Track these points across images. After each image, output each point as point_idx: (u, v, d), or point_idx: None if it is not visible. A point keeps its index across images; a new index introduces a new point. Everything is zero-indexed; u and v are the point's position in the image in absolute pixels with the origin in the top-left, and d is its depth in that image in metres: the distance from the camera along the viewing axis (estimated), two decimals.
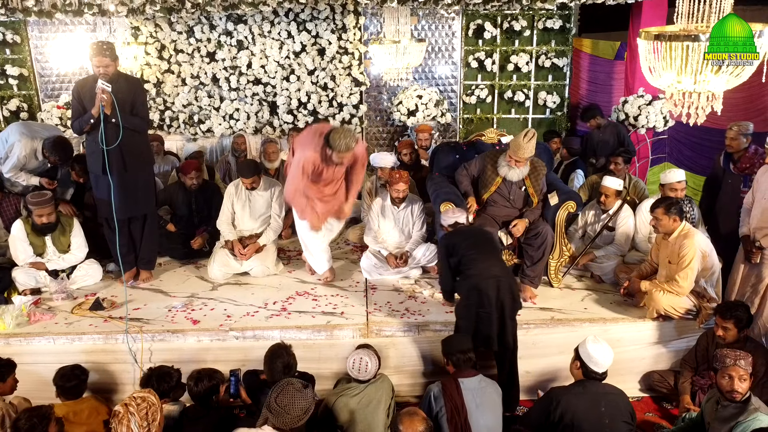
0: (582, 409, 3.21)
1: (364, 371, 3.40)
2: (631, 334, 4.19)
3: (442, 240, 4.10)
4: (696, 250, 3.97)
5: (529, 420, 3.44)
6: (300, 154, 4.32)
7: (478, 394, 3.31)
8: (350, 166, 4.51)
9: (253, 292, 4.70)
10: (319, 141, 4.24)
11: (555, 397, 3.30)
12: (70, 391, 3.48)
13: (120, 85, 4.24)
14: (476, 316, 3.69)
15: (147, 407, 2.82)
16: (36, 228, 4.63)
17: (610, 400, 3.25)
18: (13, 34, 6.88)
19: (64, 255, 4.73)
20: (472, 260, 3.78)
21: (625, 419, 3.25)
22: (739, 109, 6.72)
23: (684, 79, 3.03)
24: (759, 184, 4.42)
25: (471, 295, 3.71)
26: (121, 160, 4.36)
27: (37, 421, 2.96)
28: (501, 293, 3.68)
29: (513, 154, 4.43)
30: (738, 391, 3.08)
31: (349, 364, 3.45)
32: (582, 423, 3.18)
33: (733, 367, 3.10)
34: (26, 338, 4.07)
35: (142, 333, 4.07)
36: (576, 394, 3.27)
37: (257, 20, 6.88)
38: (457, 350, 3.42)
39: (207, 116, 7.17)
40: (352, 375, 3.44)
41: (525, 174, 4.54)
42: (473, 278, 3.72)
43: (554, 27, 7.16)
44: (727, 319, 3.60)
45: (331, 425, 3.41)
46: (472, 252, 3.82)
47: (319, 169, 4.32)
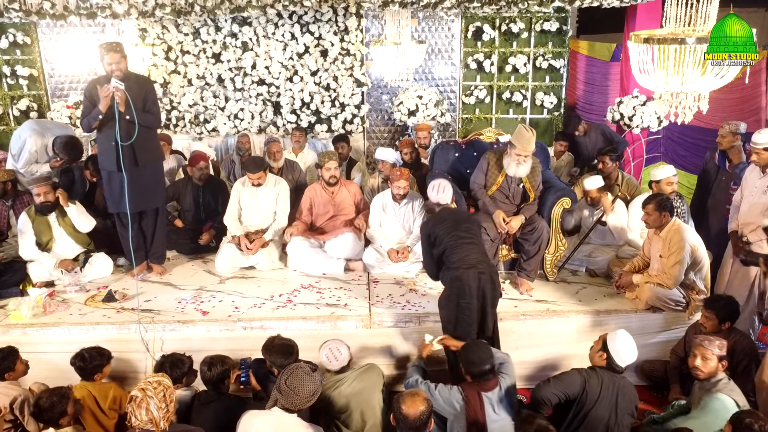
0: (601, 396, 3.29)
1: (340, 356, 3.59)
2: (623, 325, 4.32)
3: (424, 228, 4.04)
4: (686, 244, 4.12)
5: (548, 390, 3.35)
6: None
7: (497, 405, 3.28)
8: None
9: (259, 285, 4.86)
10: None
11: (583, 378, 3.33)
12: (86, 371, 3.63)
13: (131, 83, 4.37)
14: (457, 306, 3.70)
15: (164, 390, 2.96)
16: (38, 210, 4.77)
17: (624, 393, 3.34)
18: (24, 35, 7.03)
19: (80, 224, 4.87)
20: (453, 251, 3.74)
21: (631, 413, 3.38)
22: (734, 109, 6.89)
23: (672, 80, 3.20)
24: (747, 181, 4.58)
25: (453, 285, 3.70)
26: (133, 156, 4.50)
27: (56, 400, 3.16)
28: (482, 283, 3.67)
29: (522, 150, 4.50)
30: (700, 369, 3.33)
31: (324, 359, 3.60)
32: (597, 409, 3.28)
33: (698, 346, 3.36)
34: (42, 328, 4.23)
35: (154, 323, 4.23)
36: (601, 381, 3.32)
37: (262, 22, 7.04)
38: (477, 365, 3.26)
39: (212, 116, 7.33)
40: (331, 367, 3.60)
41: (530, 168, 4.63)
42: (454, 270, 3.69)
43: (551, 29, 7.32)
44: (709, 309, 3.80)
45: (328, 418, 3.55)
46: (452, 242, 3.76)
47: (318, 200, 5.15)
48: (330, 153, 5.46)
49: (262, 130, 7.41)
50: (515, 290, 4.70)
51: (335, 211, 5.30)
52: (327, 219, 5.30)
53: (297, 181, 5.99)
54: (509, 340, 4.15)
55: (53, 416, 3.18)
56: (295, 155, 6.69)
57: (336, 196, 5.31)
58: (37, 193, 4.71)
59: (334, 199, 5.30)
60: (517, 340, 4.26)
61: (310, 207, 5.32)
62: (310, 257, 5.05)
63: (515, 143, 4.55)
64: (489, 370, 3.27)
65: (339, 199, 5.30)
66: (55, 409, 3.16)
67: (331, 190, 5.29)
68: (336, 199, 5.30)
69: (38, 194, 4.71)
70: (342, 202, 5.31)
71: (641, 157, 7.50)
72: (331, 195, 5.30)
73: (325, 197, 5.29)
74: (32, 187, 4.75)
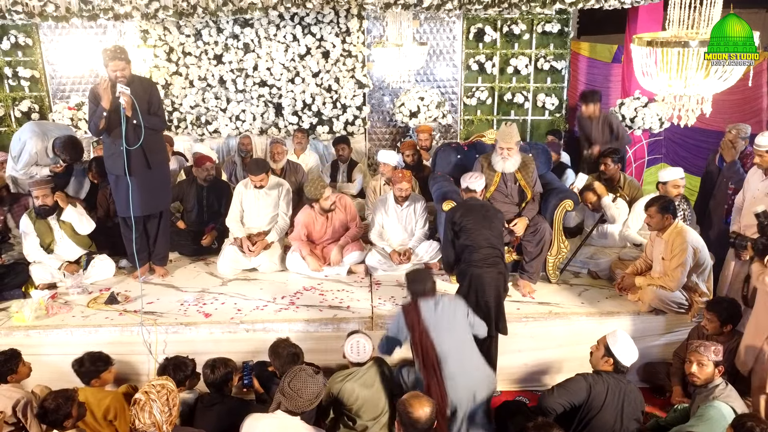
0: (607, 402, 3.26)
1: (363, 352, 3.59)
2: (626, 327, 4.34)
3: (449, 215, 4.15)
4: (688, 247, 4.12)
5: (554, 401, 3.33)
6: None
7: (436, 312, 3.50)
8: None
9: (261, 287, 4.86)
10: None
11: (588, 384, 3.30)
12: (82, 375, 3.63)
13: (135, 86, 4.38)
14: (476, 304, 3.79)
15: (167, 393, 2.97)
16: (38, 212, 4.77)
17: (630, 399, 3.32)
18: (25, 36, 7.03)
19: (79, 227, 4.87)
20: (477, 249, 3.84)
21: (637, 417, 3.35)
22: (735, 111, 6.90)
23: (675, 83, 3.20)
24: (749, 183, 4.58)
25: (473, 283, 3.81)
26: (144, 159, 4.51)
27: (62, 402, 3.16)
28: (499, 283, 3.81)
29: (503, 143, 4.60)
30: (696, 375, 3.32)
31: (348, 349, 3.62)
32: (603, 415, 3.25)
33: (693, 352, 3.36)
34: (45, 330, 4.24)
35: (157, 325, 4.23)
36: (607, 386, 3.29)
37: (263, 24, 7.04)
38: (415, 286, 3.61)
39: (214, 117, 7.33)
40: (352, 359, 3.61)
41: (519, 162, 4.67)
42: (476, 267, 3.81)
43: (553, 31, 7.32)
44: (711, 311, 3.80)
45: (337, 411, 3.58)
46: (478, 238, 3.86)
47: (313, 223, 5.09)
48: (320, 184, 5.03)
49: (264, 131, 7.41)
50: (518, 292, 4.70)
51: (332, 234, 5.20)
52: (325, 239, 5.22)
53: (299, 183, 5.99)
54: (512, 343, 4.16)
55: (58, 418, 3.18)
56: (297, 156, 6.69)
57: (333, 218, 5.17)
58: (36, 195, 4.72)
59: (332, 221, 5.18)
60: (520, 343, 4.26)
61: (306, 231, 5.17)
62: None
63: (498, 138, 4.67)
64: (430, 288, 3.60)
65: (336, 219, 5.18)
66: (61, 411, 3.16)
67: (327, 215, 5.15)
68: (333, 221, 5.18)
69: (37, 197, 4.72)
70: (338, 222, 5.19)
71: (642, 159, 7.51)
72: (327, 219, 5.17)
73: (321, 220, 5.17)
74: (32, 189, 4.75)
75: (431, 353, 3.40)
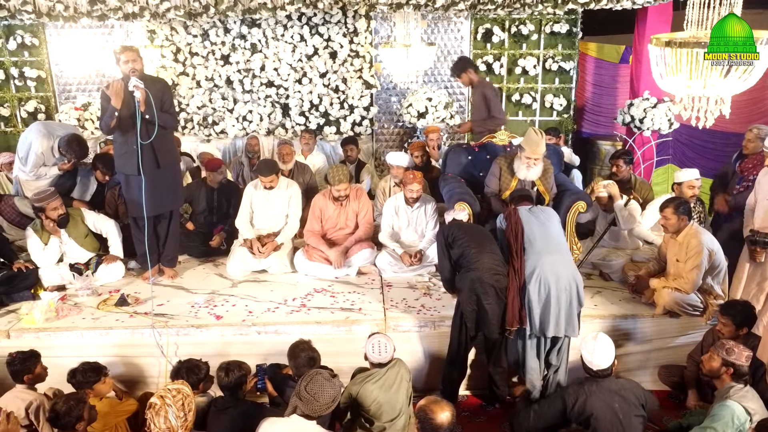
0: (597, 407, 3.27)
1: (384, 352, 3.54)
2: (640, 330, 4.32)
3: (441, 230, 4.17)
4: (703, 249, 4.09)
5: (528, 423, 3.49)
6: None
7: (531, 213, 3.98)
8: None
9: (272, 289, 4.83)
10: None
11: (570, 396, 3.35)
12: (78, 387, 3.58)
13: (148, 85, 4.36)
14: (478, 307, 3.80)
15: (183, 398, 2.94)
16: (58, 224, 4.74)
17: (622, 396, 3.31)
18: (32, 36, 7.01)
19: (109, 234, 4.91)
20: (472, 254, 3.85)
21: (637, 412, 3.33)
22: (743, 111, 6.85)
23: (693, 84, 3.17)
24: (760, 185, 4.53)
25: (473, 287, 3.78)
26: (154, 158, 4.48)
27: (73, 404, 3.13)
28: (498, 285, 3.78)
29: (532, 153, 4.52)
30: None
31: (369, 350, 3.56)
32: (599, 422, 3.25)
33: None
34: (55, 332, 4.21)
35: (168, 328, 4.20)
36: (591, 393, 3.31)
37: (271, 24, 7.02)
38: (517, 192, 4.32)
39: (221, 118, 7.31)
40: (373, 359, 3.57)
41: (542, 171, 4.64)
42: (474, 270, 3.79)
43: (561, 31, 7.30)
44: (725, 315, 3.77)
45: (354, 413, 3.54)
46: (470, 244, 3.89)
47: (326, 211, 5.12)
48: (341, 174, 5.00)
49: (271, 132, 7.39)
50: None
51: (344, 224, 5.19)
52: (336, 230, 5.20)
53: (307, 183, 5.97)
54: None
55: (70, 421, 3.15)
56: (305, 157, 6.66)
57: (345, 207, 5.18)
58: (53, 207, 4.67)
59: (345, 208, 5.19)
60: None
61: (320, 216, 5.19)
62: (319, 267, 5.05)
63: (525, 146, 4.58)
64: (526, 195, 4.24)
65: (348, 210, 5.18)
66: (72, 414, 3.13)
67: (340, 202, 5.15)
68: (346, 211, 5.18)
69: (54, 208, 4.68)
70: (350, 214, 5.19)
71: (651, 160, 7.47)
72: (340, 206, 5.17)
73: (333, 208, 5.15)
74: (41, 205, 4.69)
75: (520, 237, 3.83)
